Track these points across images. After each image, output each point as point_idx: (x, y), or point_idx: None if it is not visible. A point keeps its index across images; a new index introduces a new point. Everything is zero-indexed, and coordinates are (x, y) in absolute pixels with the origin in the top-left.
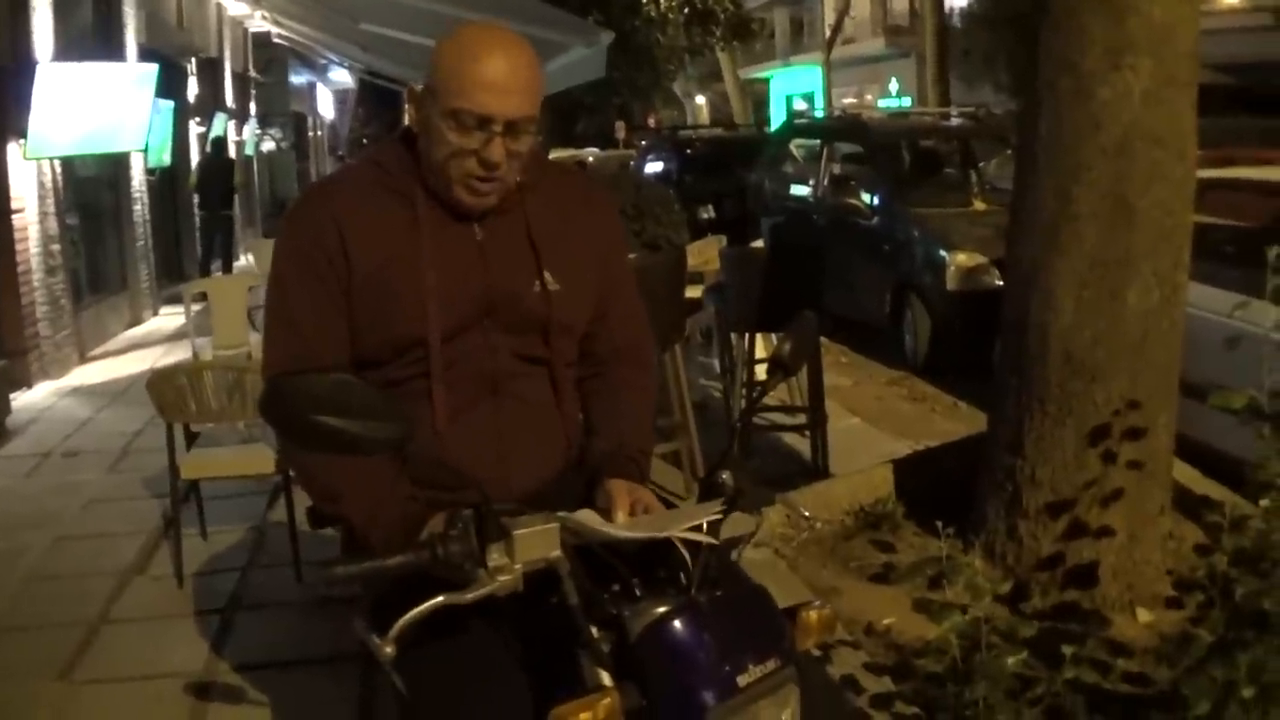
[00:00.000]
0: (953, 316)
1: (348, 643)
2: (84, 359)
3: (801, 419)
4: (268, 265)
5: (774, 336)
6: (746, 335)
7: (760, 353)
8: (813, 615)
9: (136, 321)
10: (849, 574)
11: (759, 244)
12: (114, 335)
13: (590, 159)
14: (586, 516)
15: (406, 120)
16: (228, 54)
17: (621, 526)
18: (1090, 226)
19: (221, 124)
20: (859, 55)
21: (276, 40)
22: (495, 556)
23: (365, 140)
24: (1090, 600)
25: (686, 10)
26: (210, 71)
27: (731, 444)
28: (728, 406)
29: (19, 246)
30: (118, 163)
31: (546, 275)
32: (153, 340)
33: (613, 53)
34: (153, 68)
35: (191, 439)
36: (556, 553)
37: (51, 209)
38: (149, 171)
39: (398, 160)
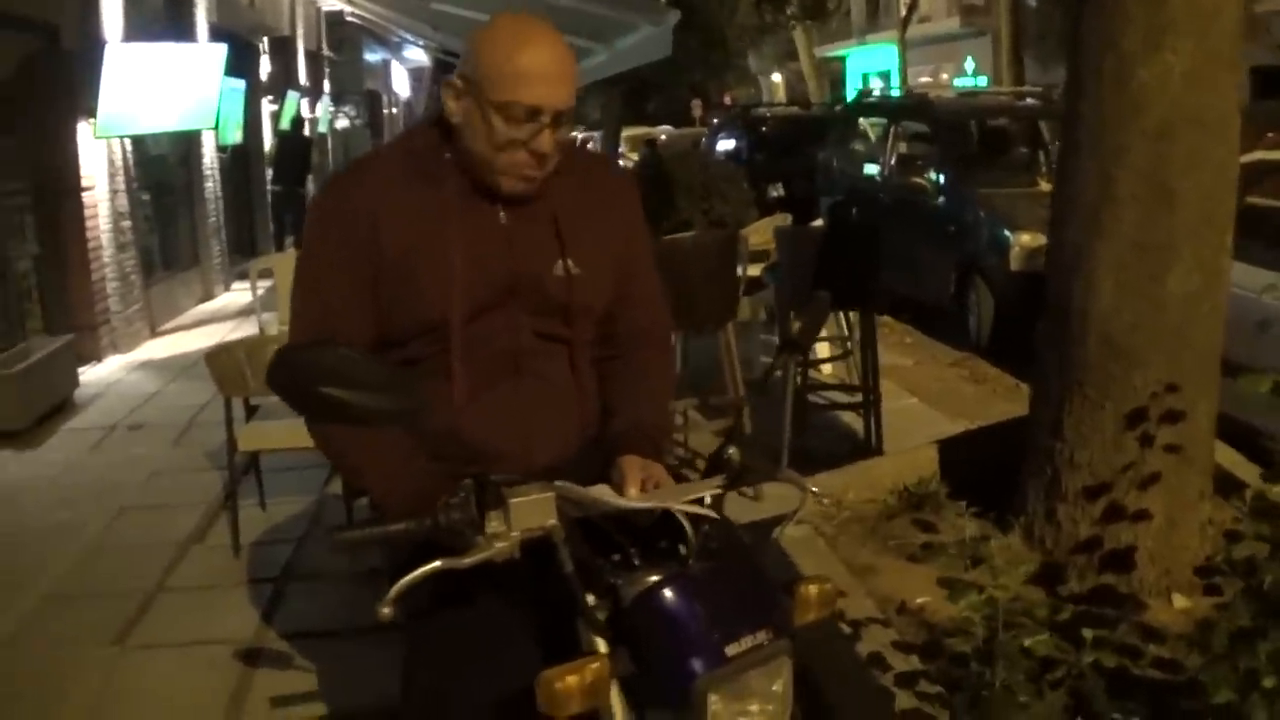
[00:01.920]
0: (1016, 298)
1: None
2: (154, 333)
3: (860, 398)
4: None
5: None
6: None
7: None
8: (812, 589)
9: (208, 297)
10: (888, 553)
11: (819, 223)
12: (185, 310)
13: (663, 136)
14: (600, 491)
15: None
16: (300, 32)
17: (623, 499)
18: (1131, 210)
19: (294, 102)
20: (934, 34)
21: (350, 19)
22: (493, 524)
23: None
24: (1127, 585)
25: None
26: (283, 50)
27: (738, 421)
28: (785, 384)
29: (89, 223)
30: (189, 140)
31: (569, 260)
32: (223, 315)
33: (684, 32)
34: (221, 47)
35: (251, 413)
36: (552, 521)
37: (122, 186)
38: (220, 149)
39: (429, 145)
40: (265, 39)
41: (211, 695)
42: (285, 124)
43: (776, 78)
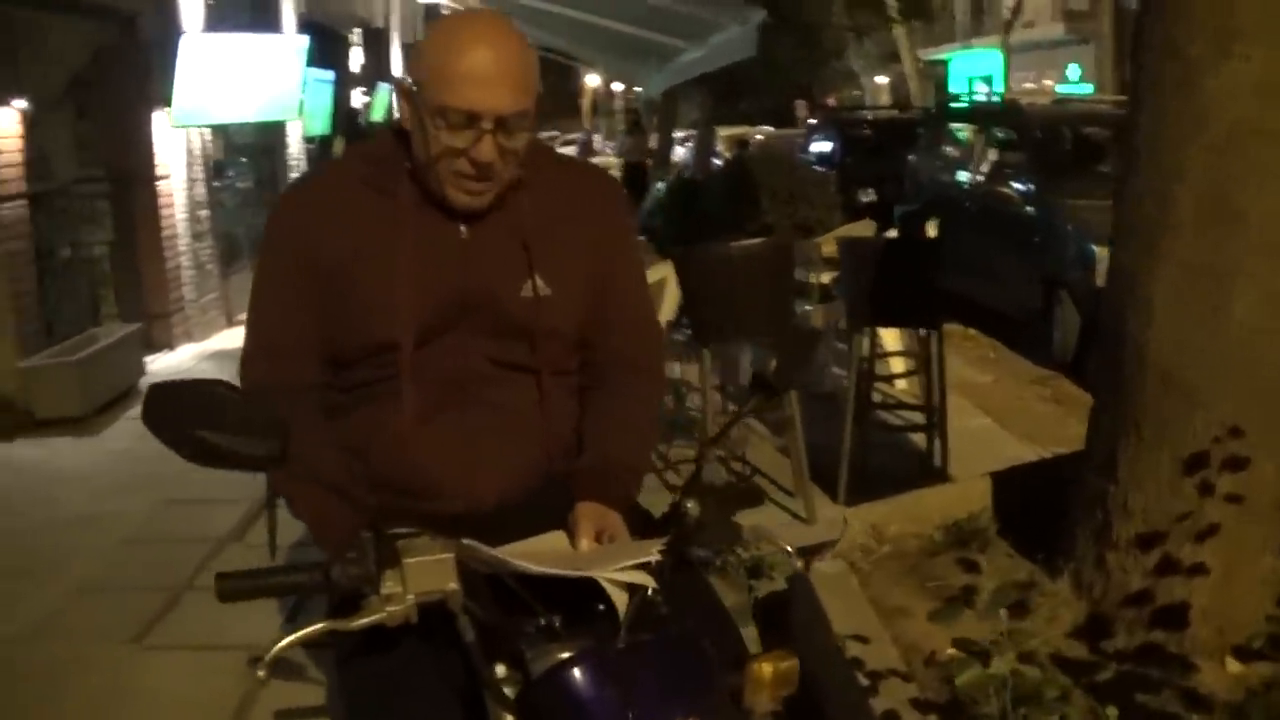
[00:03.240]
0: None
1: None
2: (231, 323)
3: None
4: None
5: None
6: (868, 329)
7: (890, 345)
8: (766, 668)
9: None
10: (924, 595)
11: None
12: None
13: (759, 136)
14: (554, 539)
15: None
16: (395, 24)
17: (531, 559)
18: (1192, 231)
19: (385, 93)
20: (1038, 40)
21: (445, 13)
22: (389, 584)
23: None
24: (1177, 643)
25: None
26: (376, 42)
27: (700, 467)
28: (847, 401)
29: (164, 212)
30: (274, 131)
31: (537, 279)
32: None
33: (777, 31)
34: (303, 39)
35: None
36: (452, 585)
37: (200, 175)
38: (307, 140)
39: (386, 153)
40: (358, 30)
41: (218, 702)
42: (378, 116)
43: (881, 79)
